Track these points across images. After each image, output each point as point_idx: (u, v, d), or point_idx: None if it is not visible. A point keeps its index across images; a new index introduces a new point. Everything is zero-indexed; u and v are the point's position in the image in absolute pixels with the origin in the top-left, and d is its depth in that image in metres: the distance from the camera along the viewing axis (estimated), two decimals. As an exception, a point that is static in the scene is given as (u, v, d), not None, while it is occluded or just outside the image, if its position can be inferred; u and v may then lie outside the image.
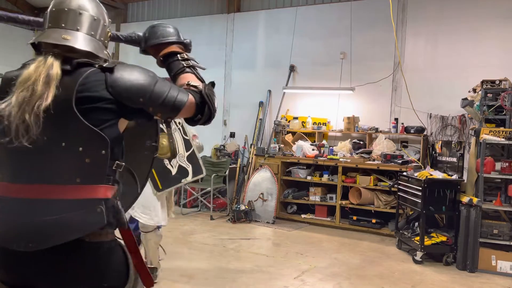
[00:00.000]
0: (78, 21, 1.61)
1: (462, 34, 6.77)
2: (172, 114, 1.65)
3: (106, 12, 1.75)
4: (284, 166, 7.48)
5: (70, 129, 1.48)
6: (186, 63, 1.83)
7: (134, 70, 1.60)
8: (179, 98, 1.62)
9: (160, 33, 1.93)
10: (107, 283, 1.55)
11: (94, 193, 1.50)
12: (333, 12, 7.81)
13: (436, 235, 5.48)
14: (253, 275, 4.63)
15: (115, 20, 10.33)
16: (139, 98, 1.55)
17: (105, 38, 1.70)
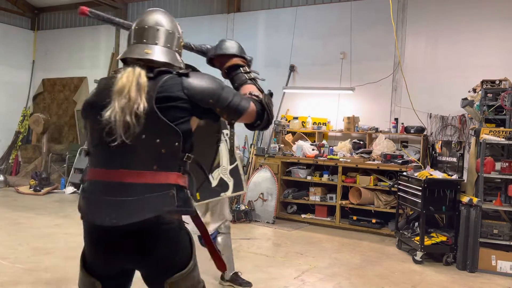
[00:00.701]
0: (156, 36, 1.94)
1: (462, 34, 6.78)
2: (235, 117, 1.93)
3: (179, 25, 2.06)
4: (284, 166, 7.48)
5: (150, 124, 1.76)
6: (248, 75, 2.10)
7: (205, 77, 1.90)
8: (242, 104, 1.90)
9: (224, 45, 2.17)
10: (177, 256, 1.86)
11: (167, 178, 1.80)
12: (333, 12, 7.81)
13: (436, 235, 5.48)
14: (253, 275, 4.63)
15: (115, 20, 10.33)
16: (209, 99, 1.84)
17: (179, 48, 2.04)
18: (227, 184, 3.81)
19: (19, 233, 5.84)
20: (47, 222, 6.52)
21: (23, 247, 5.24)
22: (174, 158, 1.82)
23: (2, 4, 10.82)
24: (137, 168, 1.79)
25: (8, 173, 10.61)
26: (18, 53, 11.21)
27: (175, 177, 1.82)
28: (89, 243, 1.89)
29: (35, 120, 10.03)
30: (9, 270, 4.44)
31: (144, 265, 1.87)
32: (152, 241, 1.80)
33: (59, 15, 11.41)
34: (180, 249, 1.88)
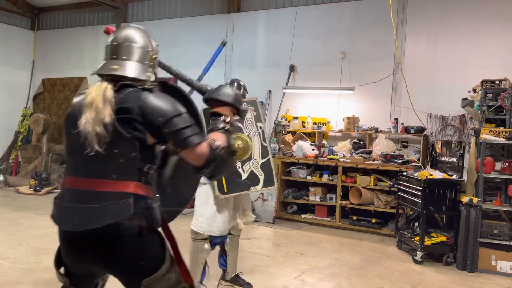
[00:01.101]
0: (124, 52, 2.02)
1: (462, 34, 6.78)
2: (180, 147, 1.92)
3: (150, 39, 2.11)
4: (284, 166, 7.48)
5: (111, 135, 1.86)
6: (223, 125, 2.09)
7: (166, 98, 1.95)
8: (192, 138, 1.90)
9: (221, 91, 2.19)
10: (143, 260, 1.92)
11: (126, 187, 1.88)
12: (333, 12, 7.81)
13: (436, 235, 5.48)
14: (253, 275, 4.63)
15: (115, 20, 10.34)
16: (159, 117, 1.87)
17: (150, 61, 2.07)
18: (258, 178, 3.67)
19: (19, 233, 5.84)
20: (47, 222, 6.45)
21: (23, 247, 5.24)
22: (132, 168, 1.90)
23: (2, 4, 10.81)
24: (99, 176, 1.89)
25: (8, 173, 10.61)
26: (18, 53, 11.21)
27: (134, 186, 1.90)
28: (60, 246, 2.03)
29: (35, 120, 10.03)
30: (9, 270, 4.44)
31: (109, 269, 2.00)
32: (112, 247, 1.88)
33: (59, 15, 11.41)
34: (145, 254, 1.93)
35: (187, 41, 9.27)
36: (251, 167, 3.67)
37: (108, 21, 10.52)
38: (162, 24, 9.68)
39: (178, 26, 9.45)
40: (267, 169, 3.69)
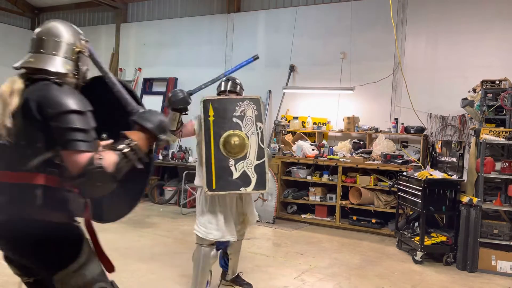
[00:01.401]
0: (40, 45, 1.99)
1: (462, 34, 6.78)
2: (61, 146, 1.81)
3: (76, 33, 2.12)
4: (284, 166, 7.48)
5: (18, 126, 1.85)
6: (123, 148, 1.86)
7: (72, 92, 1.89)
8: (78, 143, 1.78)
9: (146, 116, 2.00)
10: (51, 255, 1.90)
11: (35, 179, 1.85)
12: (333, 12, 7.81)
13: (436, 235, 5.48)
14: (253, 275, 4.63)
15: (115, 20, 10.34)
16: (48, 108, 1.81)
17: (71, 54, 2.04)
18: (250, 179, 3.52)
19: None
20: (47, 222, 6.51)
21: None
22: (39, 159, 1.85)
23: (2, 4, 10.82)
24: (8, 168, 1.89)
25: None
26: (18, 53, 11.08)
27: (44, 178, 1.86)
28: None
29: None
30: (9, 270, 4.43)
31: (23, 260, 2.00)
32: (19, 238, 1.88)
33: (59, 15, 11.40)
34: (52, 247, 1.90)
35: (187, 41, 9.27)
36: (244, 167, 3.53)
37: (108, 21, 10.53)
38: (162, 24, 9.68)
39: (178, 26, 9.45)
40: (261, 171, 3.55)
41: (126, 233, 5.93)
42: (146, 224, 6.74)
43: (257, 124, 3.59)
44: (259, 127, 3.59)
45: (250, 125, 3.56)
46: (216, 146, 3.48)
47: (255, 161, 3.54)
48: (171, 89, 9.29)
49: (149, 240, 5.87)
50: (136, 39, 10.07)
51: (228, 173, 3.50)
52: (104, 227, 2.41)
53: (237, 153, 3.52)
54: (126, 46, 10.22)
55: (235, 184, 3.51)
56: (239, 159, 3.53)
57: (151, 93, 9.69)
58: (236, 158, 3.52)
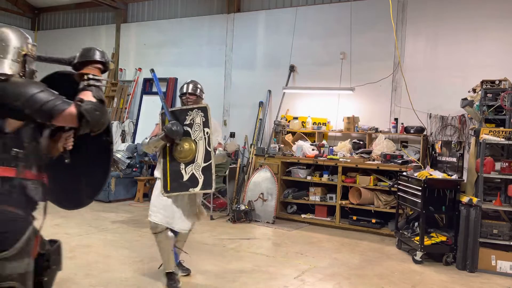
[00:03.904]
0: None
1: (462, 34, 6.78)
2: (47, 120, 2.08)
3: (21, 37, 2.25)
4: (284, 166, 7.48)
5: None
6: (88, 82, 2.20)
7: (22, 82, 2.11)
8: (58, 107, 2.03)
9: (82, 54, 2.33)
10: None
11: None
12: (333, 12, 7.82)
13: (436, 235, 5.48)
14: (253, 275, 4.63)
15: (115, 20, 10.35)
16: (16, 101, 2.02)
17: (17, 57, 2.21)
18: (198, 180, 3.90)
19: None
20: (47, 222, 6.49)
21: (23, 247, 5.23)
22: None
23: (2, 4, 10.82)
24: None
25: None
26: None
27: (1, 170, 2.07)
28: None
29: (35, 120, 10.03)
30: (9, 270, 4.43)
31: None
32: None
33: (59, 15, 11.42)
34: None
35: (187, 41, 9.28)
36: (192, 169, 3.92)
37: (108, 21, 10.53)
38: (162, 24, 9.69)
39: (178, 26, 9.46)
40: (208, 173, 3.90)
41: (126, 233, 5.93)
42: (146, 224, 6.71)
43: (204, 130, 3.95)
44: (206, 132, 3.95)
45: (198, 131, 3.94)
46: (170, 153, 3.93)
47: (203, 163, 3.92)
48: (171, 89, 9.30)
49: (149, 240, 5.86)
50: (136, 39, 10.08)
51: (180, 176, 3.92)
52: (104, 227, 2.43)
53: (187, 157, 3.93)
54: (126, 46, 10.22)
55: (185, 186, 3.91)
56: (188, 162, 3.93)
57: (151, 93, 9.71)
58: (185, 162, 3.93)
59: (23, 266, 2.11)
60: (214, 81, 8.74)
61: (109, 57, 2.42)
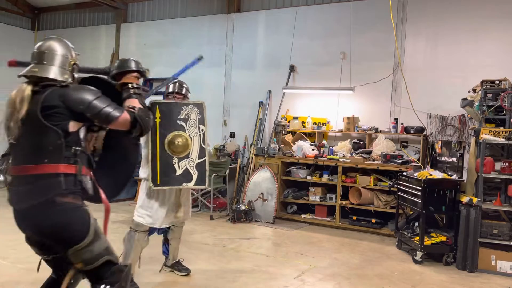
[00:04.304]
0: (44, 58, 2.46)
1: (462, 34, 6.78)
2: (105, 124, 2.44)
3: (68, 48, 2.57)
4: (284, 166, 7.48)
5: (38, 128, 2.31)
6: (133, 91, 2.61)
7: (81, 88, 2.43)
8: (113, 113, 2.40)
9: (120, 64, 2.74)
10: (66, 234, 2.31)
11: (56, 169, 2.31)
12: (333, 12, 7.82)
13: (436, 235, 5.48)
14: (253, 275, 4.63)
15: (115, 20, 10.34)
16: (79, 105, 2.34)
17: (68, 66, 2.50)
18: (192, 176, 3.90)
19: (19, 233, 5.81)
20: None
21: (23, 247, 5.20)
22: (60, 152, 2.32)
23: (2, 4, 10.82)
24: (31, 162, 2.32)
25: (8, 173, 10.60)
26: (18, 53, 11.12)
27: (63, 167, 2.32)
28: None
29: (35, 120, 10.03)
30: (9, 270, 4.44)
31: (47, 240, 2.39)
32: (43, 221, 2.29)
33: (59, 15, 11.41)
34: (70, 228, 2.32)
35: (187, 41, 9.27)
36: (186, 164, 3.90)
37: (108, 21, 10.53)
38: (162, 24, 9.68)
39: (178, 26, 9.46)
40: (202, 169, 3.92)
41: (126, 233, 5.92)
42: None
43: (199, 127, 3.96)
44: (202, 129, 3.97)
45: (194, 127, 3.95)
46: (162, 145, 3.86)
47: (197, 159, 3.93)
48: (171, 89, 9.29)
49: (149, 240, 5.86)
50: (136, 39, 10.07)
51: (172, 170, 3.89)
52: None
53: (181, 152, 3.91)
54: (126, 46, 10.21)
55: (178, 180, 3.88)
56: (182, 157, 3.91)
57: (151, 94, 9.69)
58: (179, 156, 3.91)
59: (103, 242, 2.41)
60: (214, 81, 8.74)
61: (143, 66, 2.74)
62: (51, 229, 2.30)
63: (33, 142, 2.32)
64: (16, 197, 2.36)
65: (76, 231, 2.32)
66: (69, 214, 2.32)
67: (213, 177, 7.46)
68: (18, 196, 2.34)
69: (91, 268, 2.36)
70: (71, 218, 2.32)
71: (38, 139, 2.31)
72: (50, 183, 2.28)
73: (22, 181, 2.33)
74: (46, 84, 2.37)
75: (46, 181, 2.28)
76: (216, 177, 7.66)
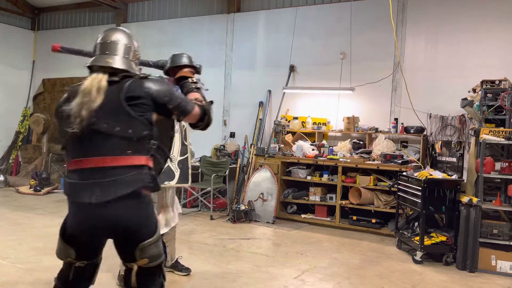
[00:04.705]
0: (116, 48, 2.43)
1: (462, 34, 6.78)
2: (182, 116, 2.42)
3: (135, 40, 2.57)
4: (284, 166, 7.48)
5: (121, 118, 2.23)
6: (194, 85, 2.64)
7: (160, 80, 2.42)
8: (188, 106, 2.42)
9: (176, 59, 2.75)
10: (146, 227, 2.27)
11: (140, 160, 2.26)
12: (333, 12, 7.82)
13: (436, 235, 5.48)
14: (253, 275, 4.63)
15: (115, 20, 10.34)
16: (164, 97, 2.32)
17: (136, 59, 2.51)
18: (174, 173, 3.83)
19: (19, 233, 5.84)
20: (47, 222, 6.52)
21: (23, 247, 5.24)
22: (143, 144, 2.27)
23: (2, 4, 10.81)
24: (113, 154, 2.22)
25: (8, 173, 10.62)
26: (18, 53, 11.21)
27: (145, 159, 2.28)
28: (75, 219, 2.30)
29: (35, 120, 10.03)
30: (9, 270, 4.44)
31: (119, 235, 2.27)
32: (127, 213, 2.21)
33: (59, 15, 11.41)
34: (148, 221, 2.29)
35: (187, 41, 9.27)
36: (168, 162, 3.80)
37: (108, 21, 10.53)
38: (162, 24, 9.68)
39: (178, 26, 9.46)
40: (184, 166, 3.85)
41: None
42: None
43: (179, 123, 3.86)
44: (183, 125, 3.91)
45: None
46: None
47: (179, 157, 3.88)
48: (171, 89, 9.30)
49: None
50: (136, 39, 10.05)
51: None
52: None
53: None
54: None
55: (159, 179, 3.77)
56: None
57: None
58: None
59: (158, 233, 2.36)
60: (214, 81, 8.74)
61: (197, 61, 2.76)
62: (134, 221, 2.23)
63: (113, 133, 2.21)
64: (93, 190, 2.18)
65: (152, 224, 2.30)
66: (150, 207, 2.32)
67: (213, 177, 7.47)
68: (99, 188, 2.18)
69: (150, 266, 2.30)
70: (151, 211, 2.32)
71: (121, 130, 2.21)
72: (137, 175, 2.22)
73: (101, 173, 2.20)
74: (124, 75, 2.34)
75: (133, 173, 2.21)
76: (216, 177, 7.66)
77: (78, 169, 2.26)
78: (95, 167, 2.22)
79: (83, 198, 2.20)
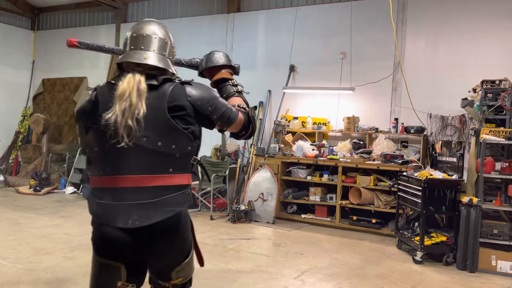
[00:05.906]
0: (152, 43, 2.02)
1: (462, 34, 6.78)
2: (226, 125, 2.09)
3: (171, 35, 2.14)
4: (284, 166, 7.48)
5: (165, 131, 1.91)
6: (235, 88, 2.27)
7: (204, 87, 2.06)
8: (232, 114, 2.08)
9: (213, 58, 2.36)
10: (186, 248, 2.06)
11: (182, 180, 1.99)
12: (333, 12, 7.82)
13: (436, 235, 5.48)
14: (253, 275, 4.63)
15: (115, 20, 10.34)
16: (208, 107, 2.00)
17: (172, 56, 2.13)
18: None
19: (19, 233, 5.84)
20: (47, 222, 6.52)
21: (23, 247, 5.24)
22: (187, 161, 2.00)
23: (2, 4, 10.82)
24: (153, 172, 1.92)
25: (8, 173, 10.62)
26: (18, 53, 11.21)
27: (188, 178, 2.02)
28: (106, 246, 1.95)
29: (35, 120, 10.03)
30: (9, 270, 4.44)
31: (159, 259, 2.01)
32: (169, 237, 1.97)
33: (59, 15, 11.41)
34: (186, 242, 2.07)
35: (187, 41, 9.25)
36: None
37: (108, 21, 10.53)
38: (162, 24, 9.68)
39: (178, 26, 9.44)
40: None
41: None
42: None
43: None
44: None
45: None
46: None
47: None
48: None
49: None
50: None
51: None
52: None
53: None
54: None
55: None
56: None
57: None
58: None
59: None
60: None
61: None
62: (180, 244, 2.02)
63: (155, 147, 1.90)
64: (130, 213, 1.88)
65: (189, 244, 2.09)
66: (187, 227, 2.07)
67: (213, 177, 7.46)
68: (136, 212, 1.89)
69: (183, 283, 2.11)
70: (188, 231, 2.08)
71: (163, 145, 1.90)
72: (179, 196, 1.96)
73: (138, 193, 1.90)
74: (164, 79, 1.98)
75: (176, 194, 1.95)
76: (216, 177, 7.66)
77: (110, 187, 1.93)
78: (131, 187, 1.91)
79: (117, 223, 1.88)
